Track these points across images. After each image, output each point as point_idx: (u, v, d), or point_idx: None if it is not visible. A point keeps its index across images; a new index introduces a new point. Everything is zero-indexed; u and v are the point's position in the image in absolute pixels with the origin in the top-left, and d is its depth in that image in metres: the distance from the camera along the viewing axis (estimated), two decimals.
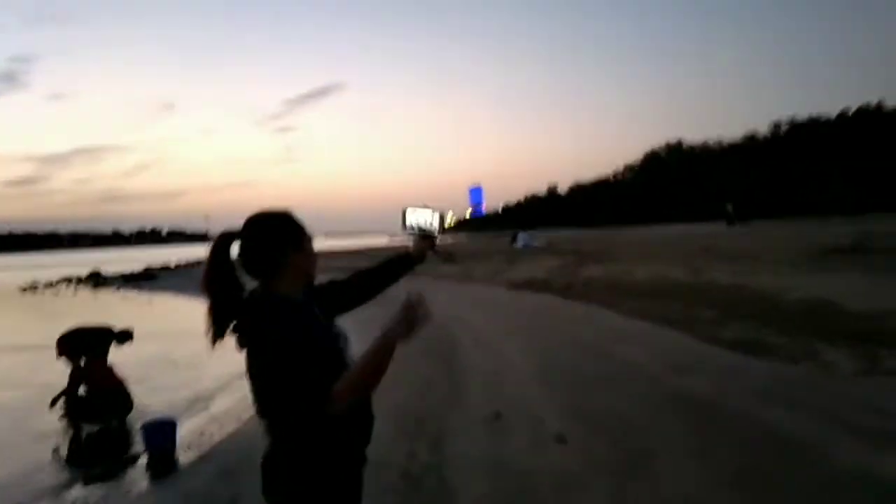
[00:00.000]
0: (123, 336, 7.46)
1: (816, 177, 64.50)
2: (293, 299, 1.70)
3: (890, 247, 14.60)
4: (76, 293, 28.11)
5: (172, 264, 42.72)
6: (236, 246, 1.72)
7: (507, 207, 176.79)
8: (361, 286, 2.05)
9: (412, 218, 2.13)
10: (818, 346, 6.64)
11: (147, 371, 9.03)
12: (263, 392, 1.63)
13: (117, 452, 5.87)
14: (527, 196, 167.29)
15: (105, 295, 26.40)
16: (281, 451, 1.65)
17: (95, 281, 33.79)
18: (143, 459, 5.44)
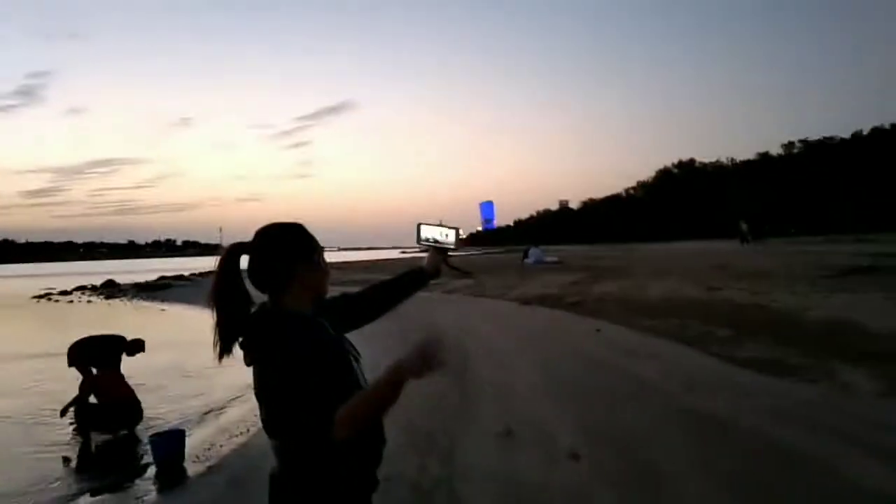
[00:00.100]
0: (135, 346, 7.46)
1: (830, 196, 64.08)
2: (303, 314, 1.64)
3: None
4: (90, 302, 28.31)
5: (187, 274, 42.94)
6: (246, 259, 1.68)
7: (518, 222, 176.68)
8: (375, 301, 2.00)
9: (426, 233, 2.10)
10: (837, 366, 6.51)
11: (158, 381, 9.03)
12: (272, 411, 1.58)
13: (126, 463, 5.85)
14: (538, 211, 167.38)
15: (119, 304, 26.56)
16: (290, 473, 1.59)
17: (109, 290, 34.05)
18: (152, 470, 5.42)
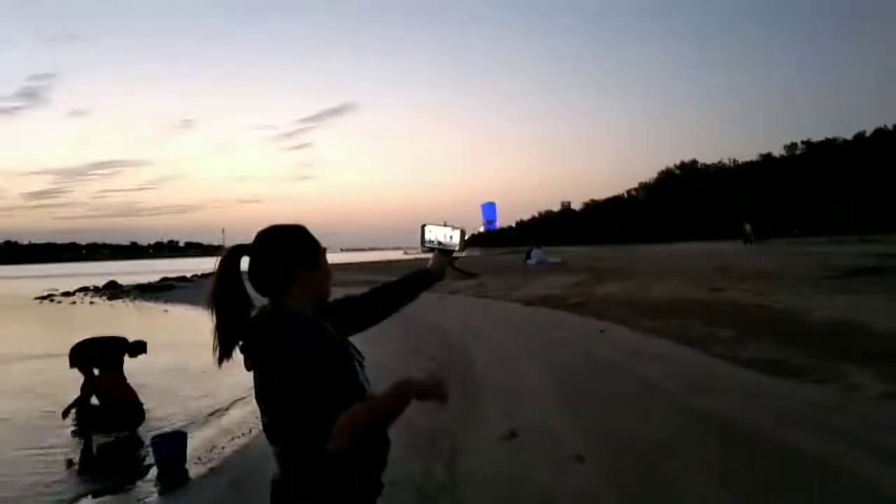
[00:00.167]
0: (137, 348, 7.45)
1: (832, 197, 63.96)
2: (304, 315, 1.60)
3: None
4: (92, 303, 28.33)
5: (189, 275, 42.95)
6: (246, 261, 1.64)
7: (520, 223, 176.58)
8: (379, 303, 1.97)
9: (431, 234, 2.07)
10: (841, 367, 6.46)
11: (161, 382, 9.03)
12: (273, 416, 1.54)
13: (128, 464, 5.84)
14: (540, 212, 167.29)
15: (121, 305, 26.58)
16: (292, 479, 1.55)
17: (112, 291, 34.08)
18: (154, 472, 5.39)
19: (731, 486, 3.94)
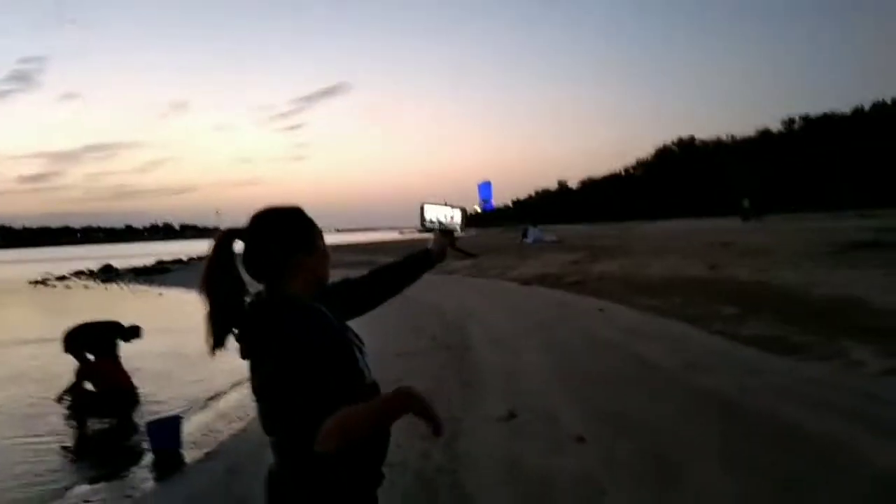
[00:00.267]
0: (131, 332, 7.38)
1: (830, 172, 63.87)
2: (302, 300, 1.50)
3: None
4: (87, 287, 28.23)
5: (185, 258, 42.81)
6: (240, 245, 1.54)
7: (517, 202, 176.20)
8: (378, 286, 1.88)
9: (431, 213, 1.98)
10: (843, 344, 6.42)
11: (156, 366, 8.97)
12: (269, 405, 1.45)
13: (123, 450, 5.78)
14: (537, 191, 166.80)
15: (116, 289, 26.48)
16: (289, 471, 1.47)
17: (107, 275, 33.96)
18: (149, 457, 5.34)
19: (731, 464, 3.91)
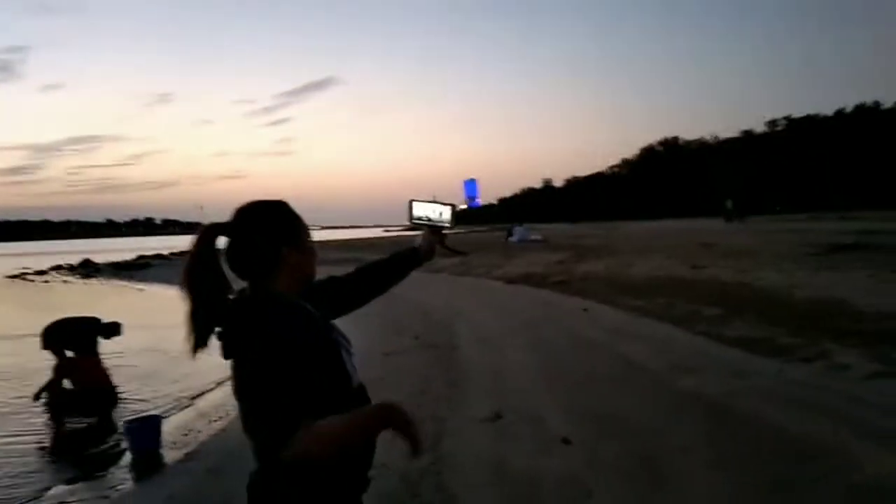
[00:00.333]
0: (111, 329, 7.25)
1: (812, 173, 64.62)
2: (289, 299, 1.45)
3: (894, 244, 14.42)
4: (66, 282, 27.83)
5: (166, 253, 42.34)
6: (224, 241, 1.48)
7: (502, 200, 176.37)
8: (365, 284, 1.83)
9: (420, 210, 1.93)
10: (829, 346, 6.43)
11: (136, 363, 8.85)
12: (251, 407, 1.38)
13: (101, 450, 5.66)
14: (522, 189, 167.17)
15: (96, 284, 26.13)
16: (272, 477, 1.41)
17: (86, 269, 33.49)
18: (128, 458, 5.23)
19: (717, 466, 3.90)
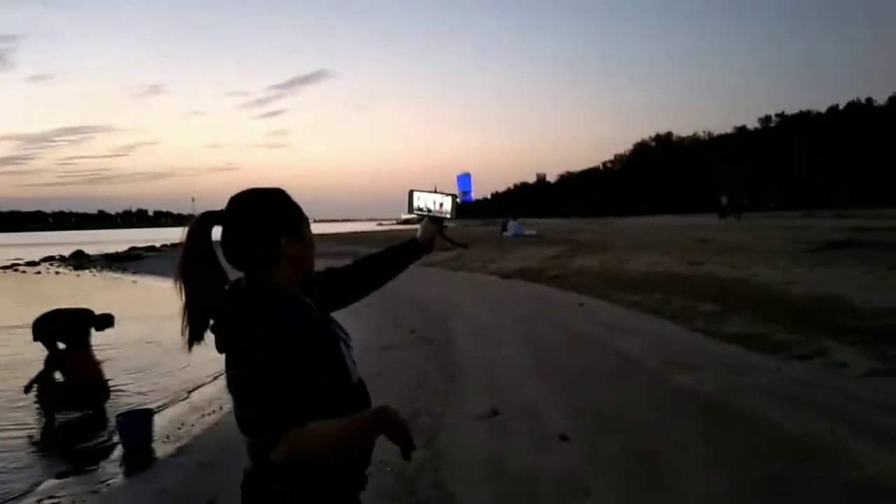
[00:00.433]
0: (104, 320, 7.14)
1: (807, 170, 64.84)
2: (288, 290, 1.40)
3: (888, 241, 14.45)
4: (58, 273, 27.63)
5: (159, 244, 42.12)
6: (219, 231, 1.42)
7: (496, 195, 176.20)
8: (363, 276, 1.77)
9: (420, 201, 1.89)
10: (826, 343, 6.41)
11: (128, 355, 8.77)
12: (247, 401, 1.33)
13: (92, 444, 5.59)
14: (516, 184, 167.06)
15: (88, 275, 25.95)
16: (266, 474, 1.35)
17: (78, 261, 33.30)
18: (119, 452, 5.17)
19: (715, 463, 3.88)
